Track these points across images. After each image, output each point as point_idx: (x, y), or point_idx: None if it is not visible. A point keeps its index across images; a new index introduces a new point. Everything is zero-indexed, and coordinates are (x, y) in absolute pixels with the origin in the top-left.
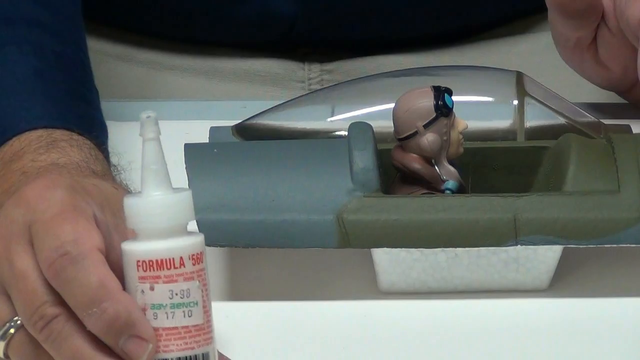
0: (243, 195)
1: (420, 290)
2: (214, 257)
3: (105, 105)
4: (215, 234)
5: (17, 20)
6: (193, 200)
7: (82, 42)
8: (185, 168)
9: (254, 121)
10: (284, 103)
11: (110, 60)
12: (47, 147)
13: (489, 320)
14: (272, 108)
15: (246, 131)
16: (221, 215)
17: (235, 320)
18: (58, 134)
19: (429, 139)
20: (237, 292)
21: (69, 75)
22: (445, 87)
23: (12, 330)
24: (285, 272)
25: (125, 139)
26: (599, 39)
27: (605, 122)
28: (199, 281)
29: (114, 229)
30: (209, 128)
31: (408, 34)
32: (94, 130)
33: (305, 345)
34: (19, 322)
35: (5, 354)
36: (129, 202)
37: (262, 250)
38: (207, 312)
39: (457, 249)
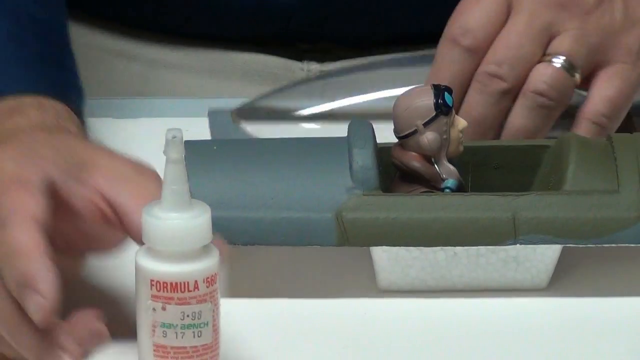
0: (242, 193)
1: (419, 289)
2: None
3: (104, 103)
4: (214, 231)
5: None
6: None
7: (61, 6)
8: (185, 165)
9: (255, 104)
10: (285, 86)
11: (109, 58)
12: (10, 113)
13: (488, 319)
14: (273, 90)
15: (247, 114)
16: (220, 213)
17: (234, 318)
18: (28, 100)
19: (428, 137)
20: (236, 289)
21: (43, 39)
22: (445, 86)
23: None
24: (284, 270)
25: (124, 136)
26: None
27: None
28: (211, 302)
29: (76, 182)
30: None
31: (408, 30)
32: (68, 94)
33: (304, 343)
34: None
35: None
36: (148, 221)
37: (261, 248)
38: (216, 330)
39: (456, 247)
